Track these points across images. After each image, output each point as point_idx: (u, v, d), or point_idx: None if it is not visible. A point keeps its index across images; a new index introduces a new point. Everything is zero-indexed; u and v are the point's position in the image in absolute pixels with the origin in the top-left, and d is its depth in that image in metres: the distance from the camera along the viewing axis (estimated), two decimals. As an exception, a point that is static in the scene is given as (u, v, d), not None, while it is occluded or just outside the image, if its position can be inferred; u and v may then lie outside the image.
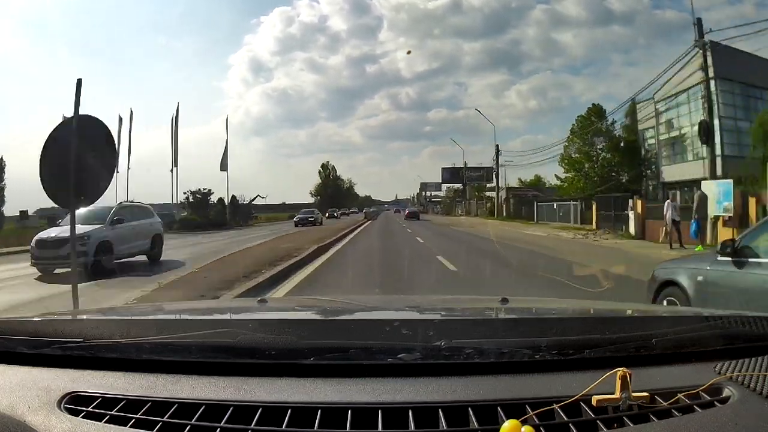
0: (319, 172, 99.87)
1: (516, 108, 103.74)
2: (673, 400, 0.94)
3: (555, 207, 34.15)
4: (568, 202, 32.10)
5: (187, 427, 0.90)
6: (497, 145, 47.68)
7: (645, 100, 32.04)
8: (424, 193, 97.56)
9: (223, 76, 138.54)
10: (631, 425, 0.89)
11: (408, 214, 52.56)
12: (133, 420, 0.93)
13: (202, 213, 38.96)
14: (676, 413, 0.92)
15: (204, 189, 40.97)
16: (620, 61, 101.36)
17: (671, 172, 31.24)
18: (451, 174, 66.74)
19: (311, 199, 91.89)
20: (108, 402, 0.98)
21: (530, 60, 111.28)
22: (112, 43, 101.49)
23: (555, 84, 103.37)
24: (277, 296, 7.03)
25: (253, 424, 0.90)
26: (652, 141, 33.91)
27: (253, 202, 54.67)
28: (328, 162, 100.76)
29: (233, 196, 45.35)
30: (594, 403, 0.91)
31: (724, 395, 0.96)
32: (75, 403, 0.98)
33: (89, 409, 0.96)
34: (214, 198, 42.02)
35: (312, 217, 37.21)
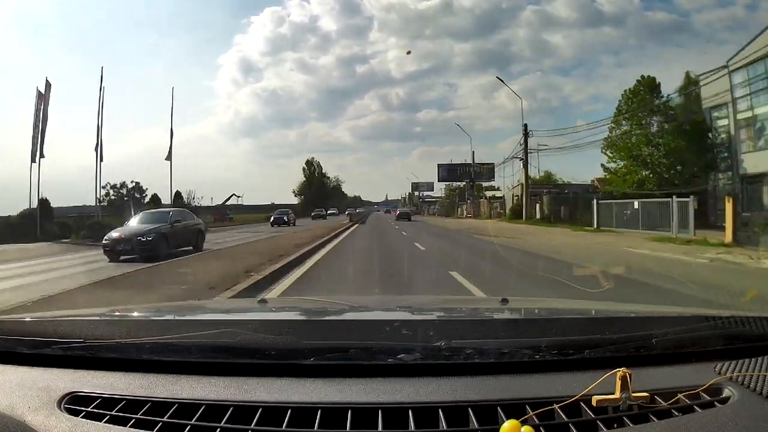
0: (303, 169, 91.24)
1: (505, 109, 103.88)
2: (673, 400, 0.94)
3: (636, 207, 20.64)
4: (666, 198, 18.69)
5: (187, 427, 0.90)
6: (525, 125, 34.34)
7: (711, 71, 24.16)
8: (418, 193, 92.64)
9: (213, 76, 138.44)
10: (631, 425, 0.89)
11: (399, 215, 48.33)
12: (133, 420, 0.93)
13: (128, 214, 23.59)
14: (676, 413, 0.92)
15: (132, 182, 28.50)
16: (610, 62, 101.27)
17: (756, 161, 22.25)
18: (449, 171, 59.75)
19: (295, 199, 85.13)
20: (108, 402, 0.98)
21: (520, 61, 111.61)
22: (101, 40, 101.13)
23: (544, 85, 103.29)
24: (277, 297, 7.02)
25: (253, 424, 0.90)
26: (724, 122, 24.95)
27: (228, 202, 49.66)
28: (313, 158, 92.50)
29: (177, 193, 35.37)
30: (594, 403, 0.91)
31: (724, 395, 0.96)
32: (75, 403, 0.98)
33: (89, 409, 0.96)
34: (158, 194, 32.19)
35: (147, 240, 13.64)
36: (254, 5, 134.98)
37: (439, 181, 63.70)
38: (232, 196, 52.68)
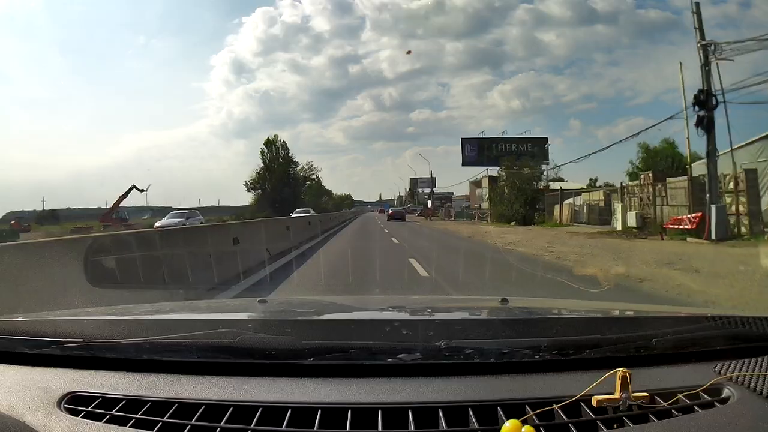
0: (262, 151, 60.58)
1: (499, 108, 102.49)
2: (673, 400, 0.94)
3: None
4: None
5: (187, 427, 0.90)
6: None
7: None
8: (421, 189, 72.31)
9: (205, 77, 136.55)
10: (631, 425, 0.89)
11: (391, 215, 39.83)
12: (133, 420, 0.93)
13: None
14: (676, 413, 0.92)
15: None
16: (603, 60, 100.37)
17: None
18: (480, 148, 40.07)
19: (246, 197, 60.62)
20: (108, 402, 0.98)
21: (513, 60, 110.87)
22: (90, 42, 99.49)
23: (538, 84, 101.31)
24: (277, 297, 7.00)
25: (253, 424, 0.90)
26: None
27: (123, 203, 35.92)
28: (276, 137, 62.41)
29: None
30: (594, 403, 0.91)
31: (724, 395, 0.96)
32: (75, 403, 0.98)
33: (89, 409, 0.96)
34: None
35: None
36: (246, 5, 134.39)
37: (464, 164, 42.03)
38: (131, 189, 36.21)
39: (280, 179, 58.88)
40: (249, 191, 59.88)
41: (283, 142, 62.12)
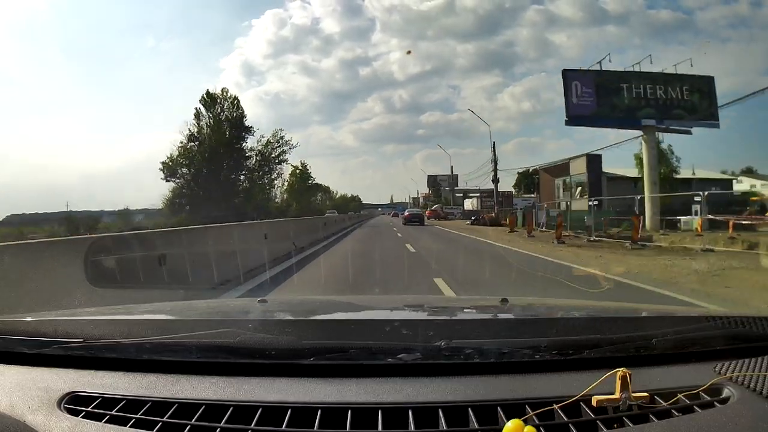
0: (197, 113, 37.66)
1: (509, 110, 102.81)
2: (673, 400, 0.94)
3: None
4: None
5: (187, 427, 0.90)
6: None
7: None
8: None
9: (215, 80, 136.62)
10: (631, 425, 0.89)
11: (407, 217, 34.25)
12: (133, 420, 0.93)
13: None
14: (676, 413, 0.92)
15: None
16: (614, 61, 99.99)
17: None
18: (602, 90, 22.15)
19: (160, 189, 38.14)
20: (108, 402, 0.98)
21: (523, 61, 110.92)
22: (99, 44, 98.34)
23: (548, 85, 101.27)
24: (277, 296, 7.00)
25: (253, 424, 0.91)
26: None
27: None
28: (224, 90, 39.63)
29: None
30: (594, 403, 0.91)
31: (724, 395, 0.96)
32: (75, 403, 0.98)
33: (89, 409, 0.96)
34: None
35: None
36: (255, 8, 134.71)
37: (570, 121, 23.26)
38: None
39: (221, 158, 34.38)
40: (167, 180, 36.15)
41: (236, 99, 37.81)
